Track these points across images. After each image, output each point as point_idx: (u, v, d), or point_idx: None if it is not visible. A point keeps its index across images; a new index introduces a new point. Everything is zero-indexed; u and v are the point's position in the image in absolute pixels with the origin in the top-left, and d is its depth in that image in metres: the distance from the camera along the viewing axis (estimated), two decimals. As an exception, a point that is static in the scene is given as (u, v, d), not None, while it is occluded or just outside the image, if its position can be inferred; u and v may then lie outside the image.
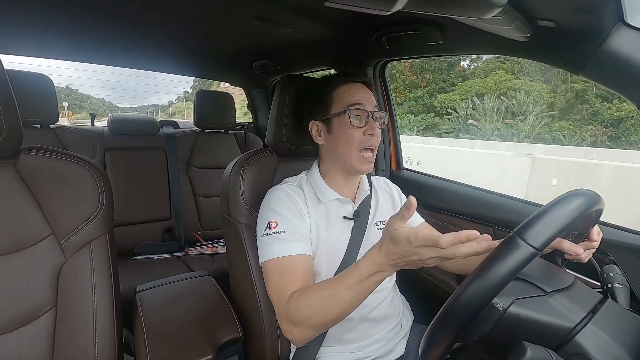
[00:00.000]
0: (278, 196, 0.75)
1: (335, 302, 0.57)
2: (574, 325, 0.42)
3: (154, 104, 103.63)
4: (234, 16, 1.07)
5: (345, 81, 0.77)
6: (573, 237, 0.60)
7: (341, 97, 0.75)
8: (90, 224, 0.67)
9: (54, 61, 2.01)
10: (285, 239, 0.69)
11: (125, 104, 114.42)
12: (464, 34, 0.88)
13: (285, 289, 0.65)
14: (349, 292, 0.56)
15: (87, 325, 0.66)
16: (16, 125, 0.60)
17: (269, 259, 0.69)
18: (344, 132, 0.74)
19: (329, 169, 0.80)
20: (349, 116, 0.73)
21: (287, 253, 0.68)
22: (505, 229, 0.99)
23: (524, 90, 19.97)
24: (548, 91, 21.18)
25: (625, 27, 0.56)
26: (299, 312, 0.60)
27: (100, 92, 65.94)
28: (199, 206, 1.79)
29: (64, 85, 52.35)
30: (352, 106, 0.73)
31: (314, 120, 0.79)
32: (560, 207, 0.43)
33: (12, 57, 1.52)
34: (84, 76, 68.59)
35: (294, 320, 0.61)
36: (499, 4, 0.45)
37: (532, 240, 0.39)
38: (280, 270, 0.67)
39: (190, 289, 0.98)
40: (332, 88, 0.77)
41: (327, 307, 0.58)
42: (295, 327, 0.62)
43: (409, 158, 6.91)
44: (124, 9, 1.02)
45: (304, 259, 0.69)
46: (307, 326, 0.61)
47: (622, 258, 0.74)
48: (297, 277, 0.66)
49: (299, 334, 0.62)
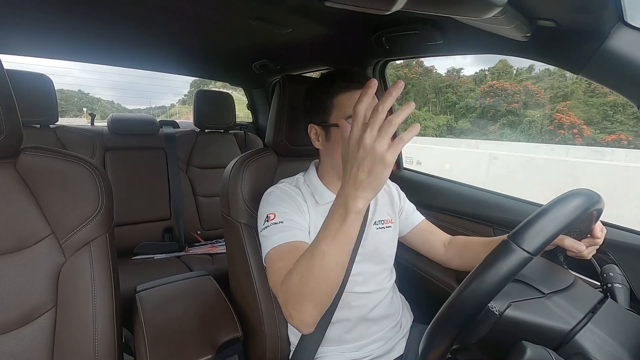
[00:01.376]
0: (275, 193, 0.75)
1: (314, 259, 0.53)
2: (572, 327, 0.42)
3: (161, 105, 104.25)
4: (234, 16, 1.07)
5: (347, 88, 0.72)
6: (575, 235, 0.60)
7: (341, 106, 0.71)
8: (90, 223, 0.67)
9: (65, 64, 2.02)
10: (284, 228, 0.68)
11: (134, 105, 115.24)
12: (464, 34, 0.87)
13: (282, 273, 0.60)
14: (323, 242, 0.52)
15: (87, 325, 0.66)
16: (16, 125, 0.60)
17: (269, 250, 0.66)
18: (342, 142, 0.72)
19: (327, 172, 0.79)
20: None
21: (286, 240, 0.66)
22: (505, 229, 0.99)
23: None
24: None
25: (625, 27, 0.56)
26: (289, 284, 0.56)
27: (110, 93, 66.85)
28: (198, 206, 1.79)
29: (76, 89, 53.67)
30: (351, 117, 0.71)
31: (313, 124, 0.76)
32: (556, 209, 0.42)
33: (21, 59, 1.52)
34: (94, 78, 69.46)
35: (289, 298, 0.56)
36: (499, 4, 0.45)
37: (526, 245, 0.40)
38: (280, 255, 0.64)
39: (190, 289, 0.98)
40: (333, 94, 0.73)
41: (310, 267, 0.53)
42: (292, 307, 0.56)
43: (408, 158, 7.07)
44: (125, 8, 1.02)
45: (304, 245, 0.66)
46: (302, 300, 0.55)
47: (622, 258, 0.74)
48: (295, 260, 0.61)
49: (298, 314, 0.56)
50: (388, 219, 0.84)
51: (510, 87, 31.16)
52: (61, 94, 34.30)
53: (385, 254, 0.83)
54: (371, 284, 0.79)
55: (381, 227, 0.82)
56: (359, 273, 0.77)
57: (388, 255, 0.84)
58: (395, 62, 1.64)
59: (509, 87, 31.16)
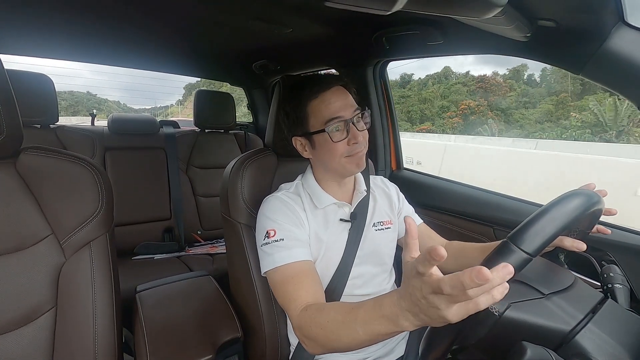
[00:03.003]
0: (274, 204, 0.74)
1: (346, 330, 0.51)
2: (572, 328, 0.42)
3: (165, 105, 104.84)
4: (234, 16, 1.07)
5: (317, 92, 0.70)
6: (575, 235, 0.60)
7: (316, 112, 0.70)
8: (90, 223, 0.67)
9: (74, 65, 2.02)
10: (285, 246, 0.68)
11: (140, 106, 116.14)
12: (464, 34, 0.87)
13: (294, 297, 0.63)
14: (362, 326, 0.48)
15: (87, 325, 0.66)
16: (16, 125, 0.60)
17: (272, 269, 0.67)
18: (327, 147, 0.71)
19: (323, 176, 0.79)
20: (328, 134, 0.69)
21: (288, 260, 0.67)
22: (505, 229, 0.99)
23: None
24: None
25: (626, 27, 0.56)
26: (312, 328, 0.57)
27: (117, 94, 67.45)
28: (199, 206, 1.79)
29: (85, 91, 54.55)
30: (329, 121, 0.69)
31: (296, 137, 0.76)
32: (556, 210, 0.42)
33: (29, 59, 1.51)
34: (103, 79, 70.25)
35: (306, 334, 0.58)
36: (499, 4, 0.45)
37: (526, 246, 0.39)
38: (285, 278, 0.66)
39: (190, 289, 0.98)
40: (305, 102, 0.71)
41: (339, 332, 0.52)
42: (307, 340, 0.59)
43: (408, 158, 7.15)
44: (124, 8, 1.02)
45: (307, 265, 0.68)
46: (317, 343, 0.57)
47: (622, 258, 0.74)
48: (303, 283, 0.65)
49: (310, 346, 0.59)
50: (387, 220, 0.84)
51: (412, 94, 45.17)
52: (72, 96, 35.18)
53: (384, 256, 0.83)
54: (370, 285, 0.79)
55: (380, 228, 0.82)
56: (359, 275, 0.77)
57: (387, 257, 0.84)
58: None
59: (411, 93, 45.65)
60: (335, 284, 0.74)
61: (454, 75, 47.89)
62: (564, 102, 33.02)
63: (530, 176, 6.85)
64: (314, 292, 0.64)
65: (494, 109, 38.41)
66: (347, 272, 0.75)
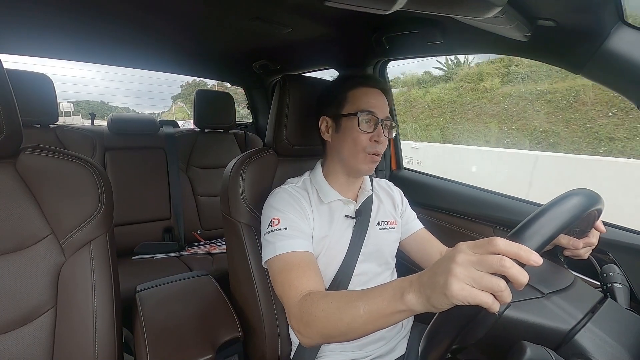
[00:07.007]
0: (281, 196, 0.75)
1: (349, 309, 0.51)
2: (572, 327, 0.42)
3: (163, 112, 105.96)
4: (234, 16, 1.07)
5: (363, 84, 0.76)
6: (575, 234, 0.60)
7: (355, 99, 0.75)
8: (90, 223, 0.67)
9: (89, 72, 2.01)
10: (288, 235, 0.68)
11: (149, 110, 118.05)
12: (464, 34, 0.87)
13: (295, 285, 0.62)
14: (365, 303, 0.49)
15: (87, 325, 0.66)
16: (16, 125, 0.60)
17: (273, 257, 0.67)
18: (351, 134, 0.74)
19: (333, 169, 0.80)
20: (358, 119, 0.72)
21: (290, 249, 0.67)
22: (505, 229, 0.99)
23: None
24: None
25: (625, 26, 0.56)
26: (312, 311, 0.56)
27: (127, 100, 67.56)
28: (199, 206, 1.79)
29: (99, 100, 55.18)
30: (363, 111, 0.73)
31: (325, 116, 0.79)
32: (555, 209, 0.42)
33: (36, 66, 1.51)
34: (115, 87, 70.80)
35: (305, 320, 0.57)
36: (498, 4, 0.45)
37: (525, 245, 0.39)
38: (286, 266, 0.65)
39: (190, 289, 0.98)
40: (349, 88, 0.76)
41: (341, 313, 0.52)
42: (304, 327, 0.58)
43: (408, 158, 7.15)
44: (125, 8, 1.02)
45: (309, 256, 0.68)
46: (316, 330, 0.56)
47: (622, 258, 0.74)
48: (305, 272, 0.64)
49: (307, 334, 0.58)
50: (391, 220, 0.85)
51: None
52: (88, 105, 37.00)
53: (387, 255, 0.83)
54: (373, 283, 0.79)
55: (384, 227, 0.82)
56: (362, 273, 0.77)
57: (390, 256, 0.85)
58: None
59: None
60: (339, 280, 0.74)
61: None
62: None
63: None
64: (316, 282, 0.64)
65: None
66: (351, 269, 0.75)
